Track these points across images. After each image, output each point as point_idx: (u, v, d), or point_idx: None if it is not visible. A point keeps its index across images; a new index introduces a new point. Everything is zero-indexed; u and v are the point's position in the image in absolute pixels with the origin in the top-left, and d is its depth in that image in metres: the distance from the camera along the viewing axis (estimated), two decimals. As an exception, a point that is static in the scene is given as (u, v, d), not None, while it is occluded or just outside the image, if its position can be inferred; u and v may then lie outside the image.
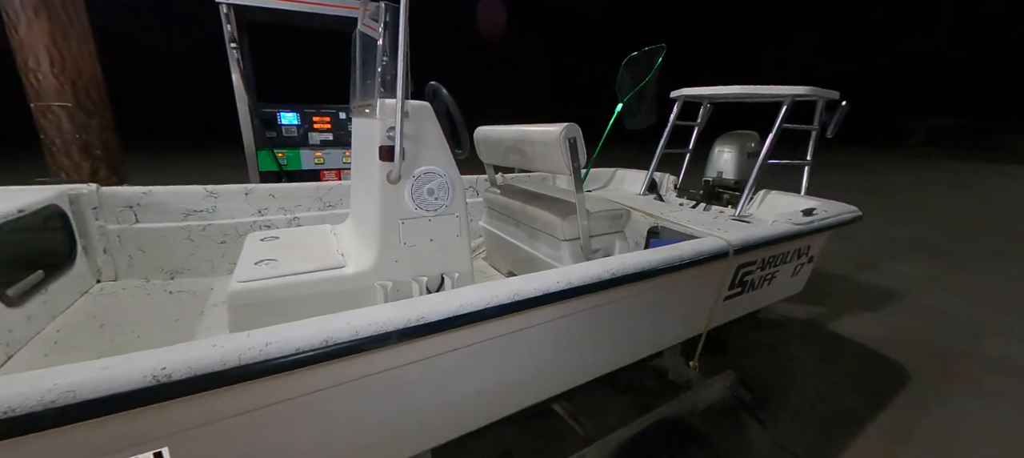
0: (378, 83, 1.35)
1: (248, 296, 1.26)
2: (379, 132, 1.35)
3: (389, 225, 1.42)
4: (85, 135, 3.10)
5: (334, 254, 1.51)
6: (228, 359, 0.75)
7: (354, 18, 1.69)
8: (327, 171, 3.69)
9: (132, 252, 2.01)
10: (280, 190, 2.31)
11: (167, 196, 2.06)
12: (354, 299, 1.42)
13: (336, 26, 3.50)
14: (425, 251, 1.51)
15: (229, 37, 3.18)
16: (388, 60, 1.38)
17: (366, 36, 1.62)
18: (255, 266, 1.38)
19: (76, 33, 3.01)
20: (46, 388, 0.64)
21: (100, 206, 1.93)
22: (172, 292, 1.97)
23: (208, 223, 2.14)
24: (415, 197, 1.43)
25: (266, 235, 1.73)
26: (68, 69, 2.97)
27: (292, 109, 3.50)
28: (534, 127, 1.76)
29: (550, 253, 1.89)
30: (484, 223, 2.48)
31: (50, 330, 1.55)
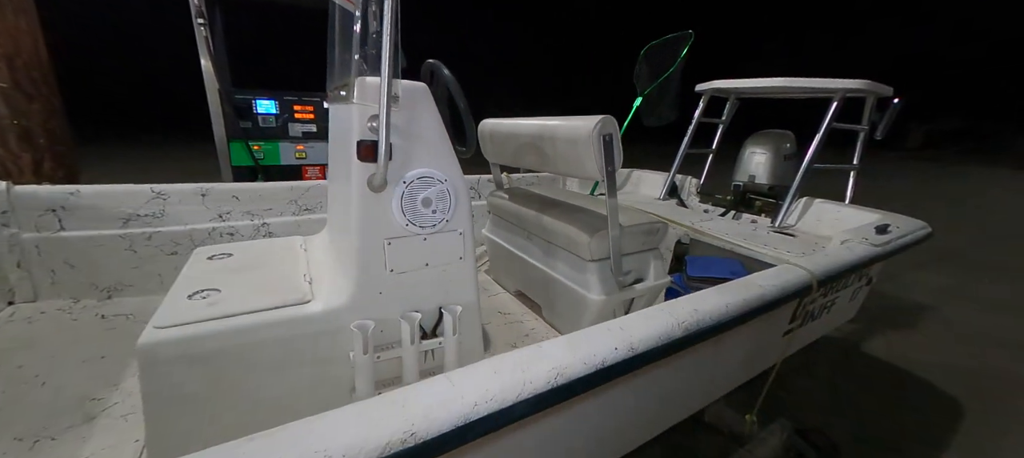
0: (355, 56, 0.99)
1: (166, 349, 0.90)
2: (357, 122, 0.99)
3: (370, 246, 1.07)
4: (24, 121, 2.67)
5: (299, 282, 1.15)
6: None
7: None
8: (310, 167, 3.31)
9: (56, 267, 1.63)
10: (245, 191, 1.94)
11: (101, 197, 1.68)
12: (323, 345, 1.06)
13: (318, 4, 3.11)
14: (418, 280, 1.16)
15: (195, 12, 2.78)
16: (372, 29, 1.03)
17: (341, 8, 1.27)
18: (187, 300, 1.02)
19: (12, 4, 2.58)
20: None
21: (12, 210, 1.55)
22: (104, 316, 1.60)
23: (155, 230, 1.77)
24: (406, 209, 1.08)
25: (216, 251, 1.36)
26: (4, 45, 2.55)
27: (270, 96, 3.10)
28: (557, 120, 1.41)
29: (573, 276, 1.55)
30: (488, 232, 2.13)
31: None
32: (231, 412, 1.00)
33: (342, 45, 1.26)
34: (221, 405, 0.98)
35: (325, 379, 1.09)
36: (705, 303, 0.92)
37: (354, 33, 1.01)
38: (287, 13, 3.67)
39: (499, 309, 1.90)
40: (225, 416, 0.99)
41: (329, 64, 1.38)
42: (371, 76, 1.01)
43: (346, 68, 1.14)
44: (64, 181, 2.44)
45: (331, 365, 1.09)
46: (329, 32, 1.35)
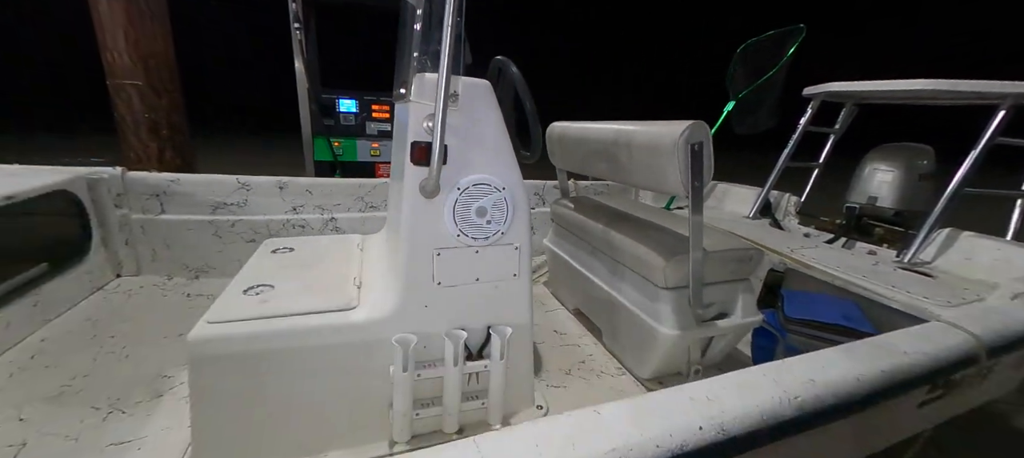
0: (414, 53, 0.91)
1: (213, 347, 0.89)
2: (413, 122, 0.92)
3: (419, 256, 0.99)
4: (154, 115, 3.07)
5: (348, 286, 1.11)
6: None
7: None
8: (382, 164, 3.43)
9: (156, 246, 1.80)
10: (317, 186, 2.01)
11: (196, 185, 1.83)
12: (363, 356, 1.01)
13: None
14: (467, 295, 1.06)
15: (293, 17, 3.00)
16: (432, 25, 0.95)
17: (410, 4, 1.22)
18: (242, 296, 1.02)
19: (152, 12, 2.96)
20: None
21: (125, 193, 1.74)
22: (189, 295, 1.73)
23: (238, 218, 1.89)
24: (458, 218, 0.98)
25: (281, 245, 1.39)
26: (142, 48, 2.94)
27: (351, 96, 3.26)
28: (636, 125, 1.23)
29: (642, 303, 1.35)
30: (549, 242, 1.99)
31: (33, 340, 1.33)
32: (269, 414, 0.97)
33: (407, 42, 1.21)
34: (260, 405, 0.96)
35: (363, 391, 1.04)
36: (826, 371, 0.70)
37: (416, 29, 0.94)
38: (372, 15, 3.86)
39: (555, 328, 1.75)
40: (263, 417, 0.97)
41: (396, 63, 1.34)
42: (427, 72, 0.93)
43: (408, 65, 1.08)
44: (181, 170, 2.74)
45: (370, 378, 1.03)
46: (399, 30, 1.31)
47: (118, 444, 1.04)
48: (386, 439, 1.08)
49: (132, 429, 1.08)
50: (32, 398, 1.13)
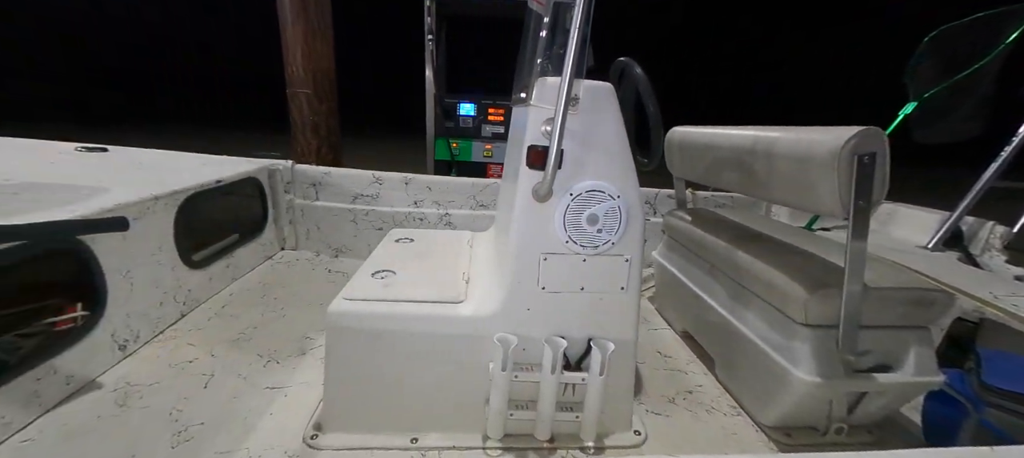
0: (538, 57, 0.92)
1: (346, 320, 1.02)
2: (532, 126, 0.92)
3: (526, 259, 0.99)
4: (316, 118, 3.68)
5: (457, 280, 1.18)
6: None
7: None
8: (494, 165, 3.59)
9: (309, 227, 2.15)
10: (436, 183, 2.18)
11: (342, 178, 2.13)
12: (466, 349, 1.05)
13: (522, 13, 3.32)
14: (571, 304, 1.03)
15: (427, 29, 3.31)
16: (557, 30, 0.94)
17: (536, 14, 1.24)
18: (371, 278, 1.15)
19: (321, 32, 3.56)
20: None
21: (293, 181, 2.11)
22: (330, 271, 2.02)
23: (371, 208, 2.15)
24: (568, 224, 0.96)
25: (404, 235, 1.53)
26: (312, 62, 3.55)
27: (471, 100, 3.49)
28: (782, 130, 1.06)
29: (771, 338, 1.17)
30: (659, 255, 1.85)
31: (223, 294, 1.69)
32: (384, 386, 1.08)
33: (530, 48, 1.23)
34: (377, 377, 1.07)
35: (463, 382, 1.08)
36: None
37: (541, 36, 0.95)
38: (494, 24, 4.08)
39: (659, 348, 1.62)
40: (379, 388, 1.08)
41: (517, 68, 1.38)
42: (549, 75, 0.93)
43: (530, 70, 1.09)
44: (332, 164, 3.23)
45: (470, 371, 1.07)
46: (523, 36, 1.34)
47: (272, 388, 1.25)
48: (480, 432, 1.11)
49: (282, 378, 1.30)
50: (220, 340, 1.43)
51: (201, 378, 1.25)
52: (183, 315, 1.50)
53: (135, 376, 1.21)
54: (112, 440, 1.00)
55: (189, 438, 1.04)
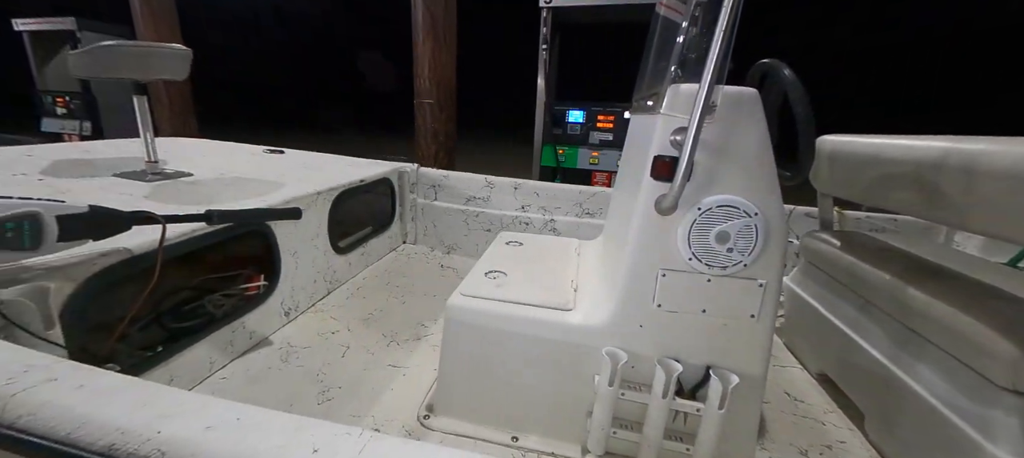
0: (673, 63, 0.87)
1: (463, 314, 1.09)
2: (659, 135, 0.88)
3: (641, 273, 0.95)
4: (437, 125, 4.04)
5: (565, 287, 1.18)
6: None
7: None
8: (599, 173, 3.52)
9: (427, 224, 2.36)
10: (543, 189, 2.21)
11: (458, 181, 2.30)
12: (572, 357, 1.04)
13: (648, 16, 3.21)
14: (689, 326, 0.96)
15: (542, 39, 3.40)
16: (696, 32, 0.89)
17: (666, 19, 1.19)
18: (484, 277, 1.22)
19: (446, 46, 3.89)
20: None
21: (417, 183, 2.34)
22: (443, 266, 2.19)
23: (481, 210, 2.27)
24: (693, 241, 0.89)
25: (513, 238, 1.59)
26: (437, 74, 3.90)
27: (580, 107, 3.48)
28: (987, 142, 0.85)
29: (958, 403, 0.93)
30: (792, 281, 1.61)
31: (359, 277, 1.95)
32: (491, 381, 1.13)
33: (658, 53, 1.18)
34: (486, 371, 1.12)
35: (567, 390, 1.07)
36: None
37: (676, 41, 0.90)
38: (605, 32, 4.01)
39: (787, 389, 1.41)
40: (487, 382, 1.13)
41: (640, 74, 1.33)
42: (684, 82, 0.88)
43: (658, 77, 1.04)
44: (447, 168, 3.52)
45: (575, 380, 1.06)
46: (647, 42, 1.29)
47: (393, 366, 1.40)
48: (580, 444, 1.10)
49: (400, 358, 1.44)
50: (354, 317, 1.65)
51: (340, 348, 1.45)
52: (329, 292, 1.77)
53: (294, 339, 1.46)
54: (277, 388, 1.23)
55: (330, 398, 1.22)
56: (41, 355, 0.56)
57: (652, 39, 1.26)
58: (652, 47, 1.26)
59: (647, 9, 3.16)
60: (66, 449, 0.45)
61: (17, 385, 0.51)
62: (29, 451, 0.46)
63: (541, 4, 3.22)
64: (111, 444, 0.45)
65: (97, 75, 1.31)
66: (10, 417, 0.48)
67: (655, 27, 1.27)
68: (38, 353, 0.57)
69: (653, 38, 1.26)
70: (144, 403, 0.49)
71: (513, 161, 9.44)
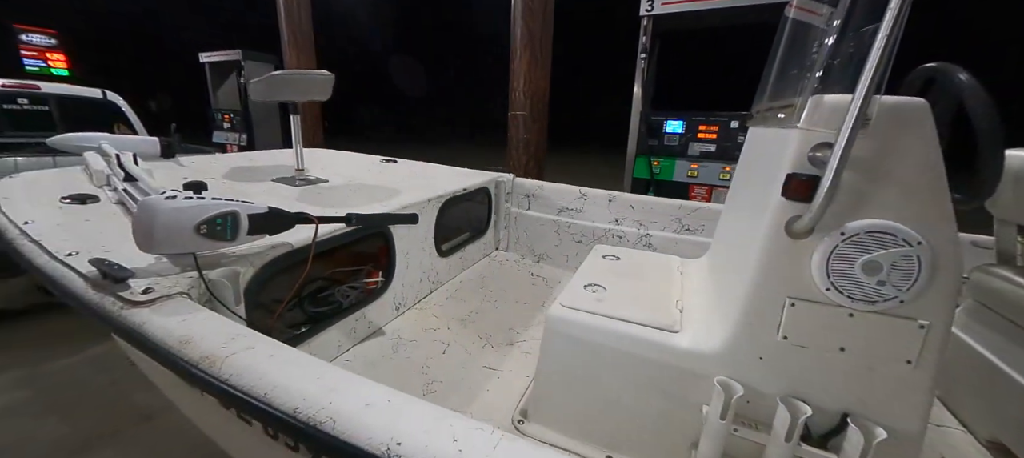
0: (817, 71, 0.80)
1: (563, 326, 1.10)
2: (795, 151, 0.81)
3: (765, 300, 0.87)
4: (528, 136, 4.15)
5: (671, 307, 1.12)
6: None
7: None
8: (697, 186, 3.31)
9: (519, 233, 2.43)
10: (639, 202, 2.14)
11: (551, 192, 2.33)
12: (678, 383, 0.99)
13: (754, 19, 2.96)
14: (822, 364, 0.85)
15: (641, 48, 3.31)
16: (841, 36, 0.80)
17: (797, 22, 1.09)
18: (583, 290, 1.22)
19: (541, 61, 3.99)
20: None
21: (512, 192, 2.43)
22: (533, 274, 2.24)
23: (573, 222, 2.27)
24: (833, 270, 0.80)
25: (610, 252, 1.57)
26: (531, 88, 4.02)
27: (679, 117, 3.30)
28: None
29: None
30: (962, 331, 1.34)
31: (457, 280, 2.07)
32: (588, 395, 1.12)
33: (787, 60, 1.09)
34: (582, 385, 1.12)
35: (670, 416, 1.02)
36: None
37: (817, 46, 0.82)
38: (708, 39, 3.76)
39: (945, 453, 1.17)
40: (583, 395, 1.12)
41: (762, 84, 1.23)
42: (827, 93, 0.79)
43: (790, 86, 0.96)
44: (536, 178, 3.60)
45: (679, 406, 1.00)
46: (773, 49, 1.20)
47: (488, 368, 1.46)
48: (682, 475, 1.03)
49: (495, 361, 1.50)
50: (453, 317, 1.76)
51: (441, 345, 1.56)
52: (431, 291, 1.92)
53: (403, 332, 1.61)
54: (390, 375, 1.36)
55: (433, 390, 1.32)
56: (241, 326, 0.71)
57: (780, 45, 1.16)
58: (779, 54, 1.16)
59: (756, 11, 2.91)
60: (263, 406, 0.56)
61: (228, 349, 0.64)
62: (237, 403, 0.59)
63: (642, 13, 3.14)
64: (296, 408, 0.55)
65: (271, 98, 1.60)
66: (225, 374, 0.61)
67: (783, 32, 1.17)
68: (238, 325, 0.71)
69: (781, 44, 1.16)
70: (317, 376, 0.59)
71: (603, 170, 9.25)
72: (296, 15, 5.72)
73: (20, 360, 2.44)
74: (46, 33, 13.51)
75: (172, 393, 1.08)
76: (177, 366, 0.64)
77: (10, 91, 3.34)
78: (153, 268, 0.89)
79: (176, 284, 0.83)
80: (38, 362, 2.43)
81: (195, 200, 0.85)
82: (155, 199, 0.82)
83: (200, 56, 6.69)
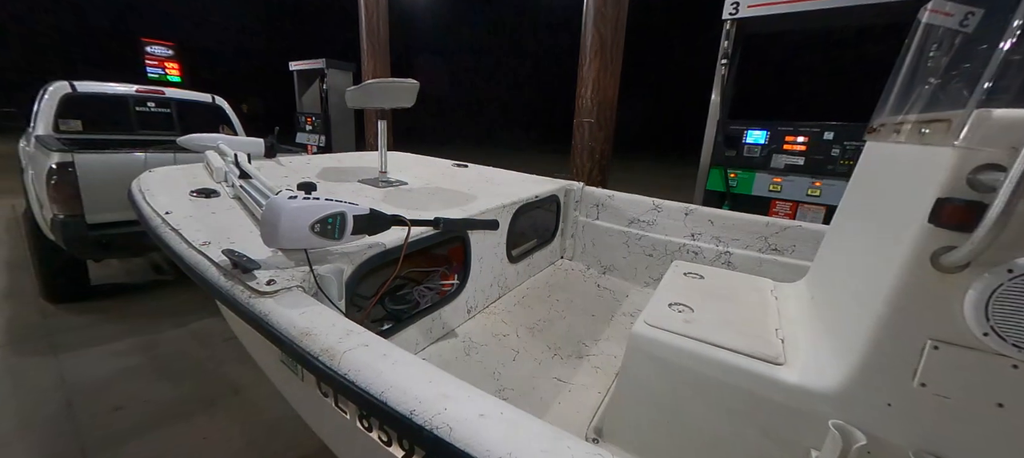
0: (986, 81, 0.69)
1: (649, 345, 1.05)
2: (948, 170, 0.71)
3: (900, 340, 0.77)
4: (594, 144, 4.08)
5: (771, 335, 1.03)
6: None
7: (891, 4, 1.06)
8: (780, 202, 3.05)
9: (586, 242, 2.38)
10: (719, 217, 2.01)
11: (622, 202, 2.26)
12: (782, 421, 0.90)
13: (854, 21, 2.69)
14: (972, 420, 0.73)
15: (722, 53, 3.13)
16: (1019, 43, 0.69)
17: (931, 26, 0.98)
18: (668, 308, 1.16)
19: (611, 68, 3.91)
20: None
21: (581, 201, 2.39)
22: (599, 285, 2.18)
23: (644, 234, 2.19)
24: (995, 312, 0.68)
25: (690, 269, 1.48)
26: (599, 95, 3.95)
27: (762, 127, 3.07)
28: None
29: None
30: None
31: (523, 286, 2.07)
32: (669, 420, 1.06)
33: (915, 68, 0.97)
34: (668, 410, 1.06)
35: (769, 457, 0.93)
36: None
37: (992, 51, 0.71)
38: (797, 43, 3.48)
39: None
40: (663, 419, 1.06)
41: (887, 92, 1.11)
42: (992, 106, 0.68)
43: (933, 97, 0.85)
44: (600, 185, 3.52)
45: (783, 448, 0.91)
46: (901, 55, 1.07)
47: (557, 380, 1.44)
48: (780, 522, 0.94)
49: (564, 373, 1.47)
50: (522, 324, 1.76)
51: (511, 352, 1.56)
52: (499, 297, 1.93)
53: (474, 335, 1.64)
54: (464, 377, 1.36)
55: (505, 398, 1.32)
56: (353, 323, 0.75)
57: (915, 46, 1.03)
58: (913, 58, 1.03)
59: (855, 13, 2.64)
60: (380, 404, 0.59)
61: (345, 345, 0.68)
62: (356, 399, 0.61)
63: (725, 16, 2.97)
64: (412, 410, 0.56)
65: (364, 105, 1.71)
66: (344, 369, 0.64)
67: (916, 36, 1.05)
68: (351, 321, 0.75)
69: (916, 45, 1.04)
70: (429, 379, 0.61)
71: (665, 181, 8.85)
72: (376, 28, 6.11)
73: (138, 329, 2.80)
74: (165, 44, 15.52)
75: (272, 372, 1.18)
76: (299, 356, 0.69)
77: (143, 95, 3.87)
78: (272, 260, 0.97)
79: (292, 277, 0.90)
80: (152, 332, 2.78)
81: (312, 200, 0.92)
82: (281, 199, 0.90)
83: (290, 64, 7.36)
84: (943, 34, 0.96)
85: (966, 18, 0.99)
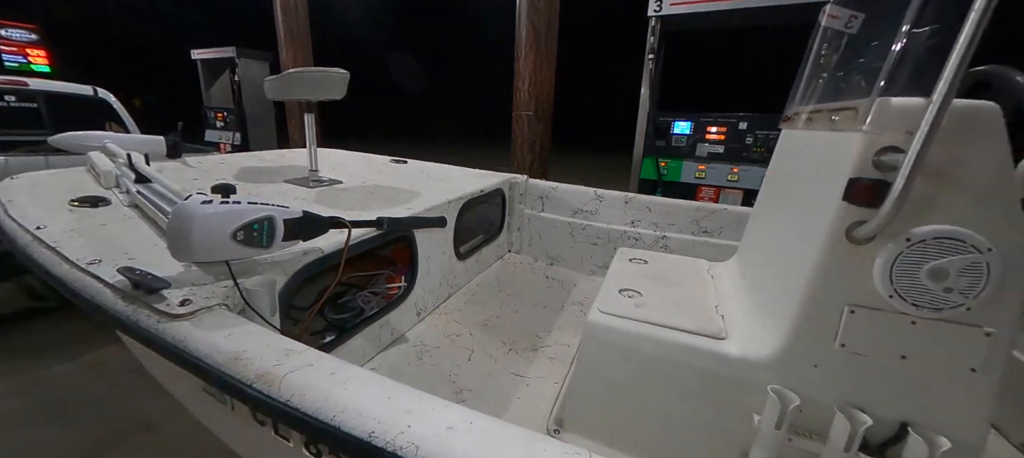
0: (884, 74, 0.78)
1: (605, 333, 1.07)
2: (858, 153, 0.79)
3: (821, 307, 0.85)
4: (533, 136, 4.11)
5: (711, 312, 1.10)
6: None
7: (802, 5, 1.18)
8: (705, 187, 3.31)
9: (532, 235, 2.40)
10: (656, 204, 2.12)
11: (566, 193, 2.30)
12: (726, 391, 0.97)
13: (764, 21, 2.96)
14: (883, 372, 0.83)
15: (649, 48, 3.30)
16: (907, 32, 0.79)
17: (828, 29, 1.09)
18: (619, 295, 1.19)
19: (547, 63, 3.96)
20: None
21: (526, 193, 2.39)
22: (547, 276, 2.21)
23: (588, 223, 2.25)
24: (897, 277, 0.78)
25: (635, 255, 1.54)
26: (535, 88, 3.98)
27: (687, 118, 3.30)
28: None
29: None
30: None
31: (473, 283, 2.03)
32: (625, 403, 1.09)
33: (833, 60, 1.08)
34: (620, 392, 1.09)
35: (719, 425, 1.00)
36: None
37: (890, 46, 0.80)
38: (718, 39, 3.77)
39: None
40: (619, 403, 1.10)
41: (797, 84, 1.22)
42: (893, 96, 0.77)
43: (837, 88, 0.94)
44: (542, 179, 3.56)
45: (728, 417, 0.98)
46: (807, 52, 1.18)
47: (514, 374, 1.43)
48: (728, 484, 1.01)
49: (521, 368, 1.47)
50: (474, 322, 1.72)
51: (465, 351, 1.52)
52: (449, 295, 1.88)
53: (426, 338, 1.57)
54: (418, 384, 1.31)
55: (464, 400, 1.28)
56: (292, 341, 0.66)
57: (819, 42, 1.15)
58: (818, 53, 1.15)
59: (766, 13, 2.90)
60: (333, 429, 0.52)
61: (284, 367, 0.60)
62: (303, 427, 0.54)
63: (650, 13, 3.13)
64: (371, 432, 0.51)
65: (285, 97, 1.55)
66: (285, 395, 0.56)
67: (820, 29, 1.16)
68: (289, 339, 0.67)
69: (819, 41, 1.15)
70: (388, 396, 0.55)
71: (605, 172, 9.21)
72: (293, 13, 5.62)
73: (15, 368, 2.34)
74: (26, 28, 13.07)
75: (192, 403, 1.03)
76: (229, 386, 0.59)
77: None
78: (185, 277, 0.84)
79: (213, 294, 0.78)
80: (33, 370, 2.34)
81: (231, 204, 0.81)
82: (192, 204, 0.78)
83: (192, 53, 6.54)
84: (832, 35, 1.08)
85: (850, 21, 1.12)
